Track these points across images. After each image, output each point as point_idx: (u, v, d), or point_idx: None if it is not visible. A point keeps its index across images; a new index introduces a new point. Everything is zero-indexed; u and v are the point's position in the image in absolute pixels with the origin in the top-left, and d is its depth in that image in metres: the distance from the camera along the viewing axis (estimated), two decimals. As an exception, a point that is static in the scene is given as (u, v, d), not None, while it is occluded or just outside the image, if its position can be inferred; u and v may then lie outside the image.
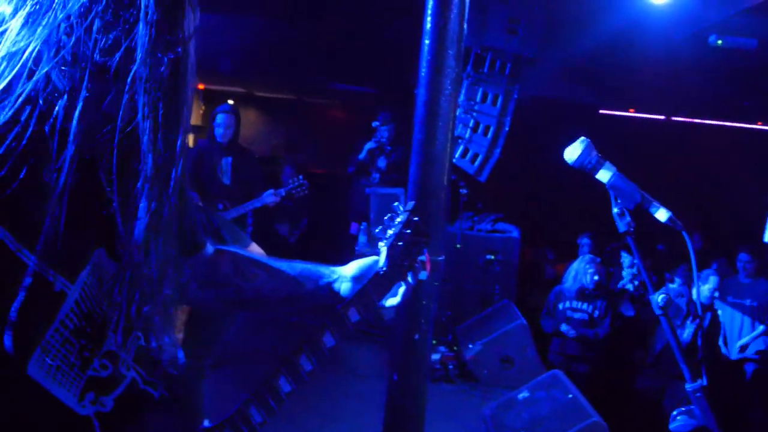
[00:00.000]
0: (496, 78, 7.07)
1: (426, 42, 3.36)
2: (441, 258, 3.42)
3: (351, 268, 1.72)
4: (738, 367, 6.72)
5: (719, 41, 6.71)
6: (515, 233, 7.89)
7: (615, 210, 1.64)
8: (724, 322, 6.74)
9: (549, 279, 8.58)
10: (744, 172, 9.62)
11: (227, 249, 1.67)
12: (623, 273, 7.65)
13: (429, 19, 3.34)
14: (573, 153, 1.68)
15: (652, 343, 6.57)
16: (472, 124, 7.10)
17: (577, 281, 6.65)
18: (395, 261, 1.63)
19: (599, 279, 6.55)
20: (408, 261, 1.66)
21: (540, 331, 6.74)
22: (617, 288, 7.37)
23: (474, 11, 3.36)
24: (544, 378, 5.46)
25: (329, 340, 1.48)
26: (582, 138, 1.68)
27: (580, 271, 6.68)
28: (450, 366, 6.67)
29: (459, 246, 7.45)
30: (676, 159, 10.19)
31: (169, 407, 1.20)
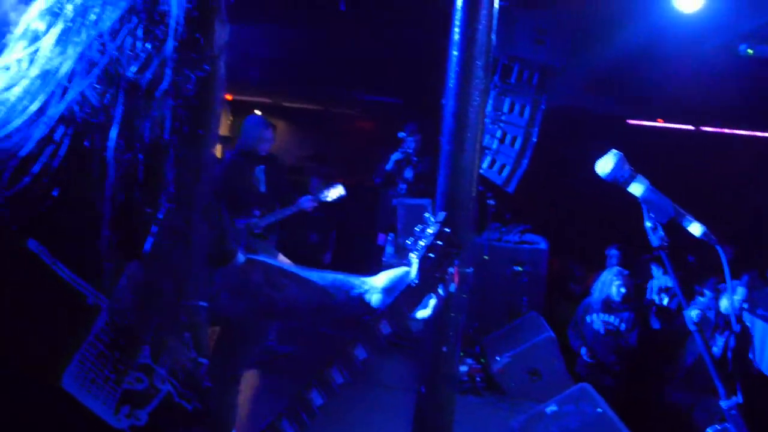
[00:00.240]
0: (523, 88, 7.04)
1: (454, 53, 3.36)
2: (470, 270, 3.41)
3: (381, 279, 1.72)
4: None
5: (750, 50, 6.62)
6: (543, 244, 7.83)
7: (648, 224, 1.62)
8: (755, 335, 6.62)
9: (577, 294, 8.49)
10: (775, 182, 9.48)
11: (258, 259, 1.68)
12: (648, 285, 7.56)
13: (457, 31, 3.33)
14: (605, 166, 1.67)
15: (682, 357, 6.46)
16: (499, 134, 7.07)
17: (603, 293, 6.58)
18: (426, 273, 1.63)
19: (626, 292, 6.48)
20: (439, 273, 1.65)
21: (567, 344, 6.68)
22: (646, 301, 7.28)
23: (502, 22, 3.35)
24: (572, 391, 5.40)
25: (361, 352, 1.48)
26: (614, 151, 1.66)
27: (606, 283, 6.61)
28: (477, 378, 6.62)
29: (486, 257, 7.42)
30: (705, 169, 10.05)
31: (202, 420, 1.20)
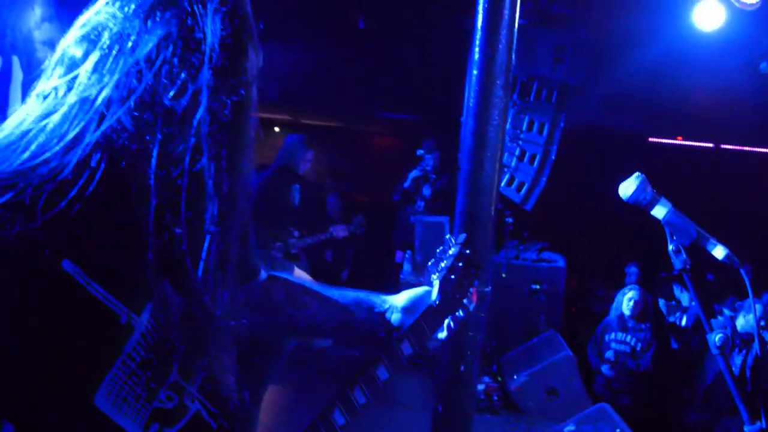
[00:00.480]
0: (542, 106, 7.04)
1: (474, 72, 3.36)
2: (488, 289, 3.40)
3: (401, 298, 1.73)
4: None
5: (770, 69, 6.60)
6: (561, 262, 7.79)
7: (671, 247, 1.61)
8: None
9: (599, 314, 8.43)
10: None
11: (280, 276, 1.70)
12: (667, 304, 7.50)
13: (477, 50, 3.34)
14: (628, 189, 1.67)
15: (702, 377, 6.38)
16: (518, 152, 7.07)
17: (618, 311, 6.55)
18: (447, 294, 1.64)
19: (638, 309, 6.43)
20: (459, 294, 1.67)
21: (585, 362, 6.63)
22: (666, 321, 7.22)
23: (521, 40, 3.36)
24: (590, 411, 5.37)
25: (383, 373, 1.49)
26: (637, 174, 1.67)
27: (620, 301, 6.58)
28: (494, 397, 6.59)
29: (504, 275, 7.40)
30: (724, 187, 9.97)
31: None
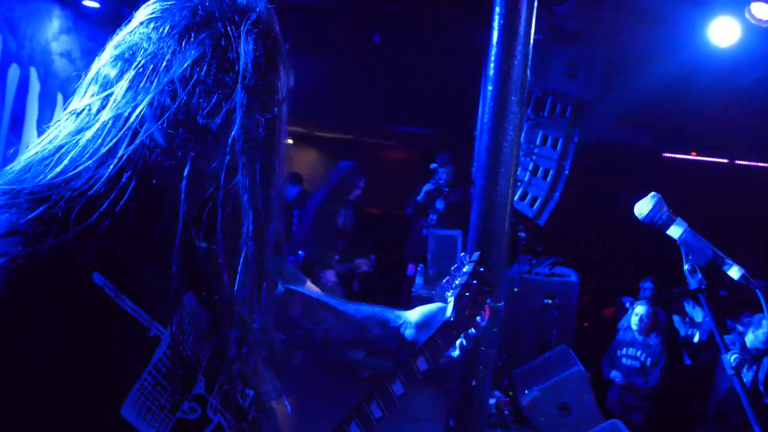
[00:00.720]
0: (556, 121, 7.06)
1: (489, 88, 3.38)
2: (501, 304, 3.40)
3: (415, 314, 1.74)
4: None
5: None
6: (574, 277, 7.75)
7: (686, 267, 1.62)
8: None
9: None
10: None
11: (297, 290, 1.71)
12: (679, 320, 7.45)
13: (492, 66, 3.36)
14: (643, 208, 1.68)
15: (713, 393, 6.32)
16: (531, 167, 7.07)
17: (627, 326, 6.53)
18: (462, 311, 1.66)
19: (646, 323, 6.40)
20: (473, 312, 1.68)
21: (597, 379, 6.61)
22: (680, 337, 7.17)
23: (535, 55, 3.38)
24: (602, 427, 5.34)
25: (399, 388, 1.50)
26: (653, 193, 1.67)
27: (629, 316, 6.56)
28: (506, 411, 6.55)
29: (517, 289, 7.38)
30: (739, 202, 9.92)
31: None
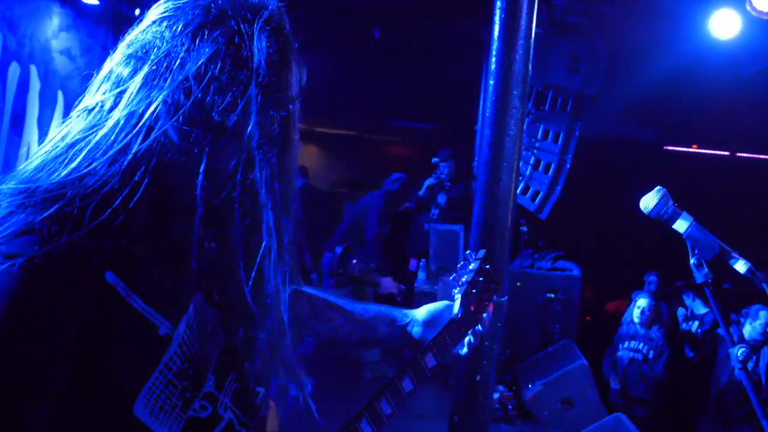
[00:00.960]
0: (557, 115, 7.05)
1: (491, 83, 3.36)
2: (504, 299, 3.41)
3: (422, 312, 1.75)
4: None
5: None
6: (576, 271, 7.75)
7: (692, 261, 1.61)
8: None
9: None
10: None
11: (304, 290, 1.72)
12: (680, 313, 7.46)
13: (494, 60, 3.34)
14: (649, 203, 1.67)
15: (715, 382, 6.32)
16: (532, 161, 7.07)
17: (629, 319, 6.55)
18: (468, 308, 1.66)
19: (647, 315, 6.41)
20: (480, 308, 1.69)
21: (600, 372, 6.62)
22: (681, 330, 7.18)
23: (536, 49, 3.36)
24: (606, 421, 5.33)
25: (408, 384, 1.50)
26: (658, 188, 1.67)
27: (631, 309, 6.57)
28: (509, 406, 6.56)
29: (519, 284, 7.38)
30: (740, 195, 9.92)
31: None
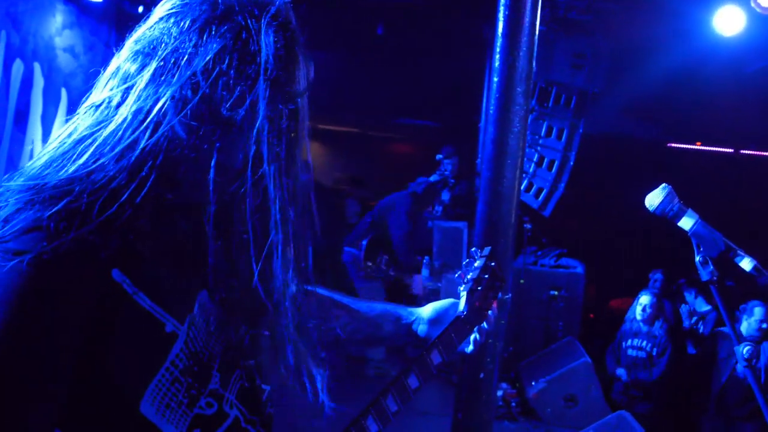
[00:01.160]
0: (561, 112, 7.04)
1: (495, 80, 3.36)
2: (508, 296, 3.40)
3: (427, 310, 1.75)
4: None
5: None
6: (579, 269, 7.73)
7: (698, 258, 1.61)
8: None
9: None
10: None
11: (310, 289, 1.72)
12: (682, 310, 7.45)
13: (498, 57, 3.33)
14: (654, 200, 1.67)
15: (716, 379, 6.29)
16: (536, 158, 7.06)
17: (632, 316, 6.54)
18: (474, 305, 1.66)
19: (649, 313, 6.40)
20: (485, 305, 1.69)
21: (604, 369, 6.61)
22: (684, 327, 7.17)
23: (540, 46, 3.36)
24: (609, 419, 5.32)
25: (414, 381, 1.50)
26: (664, 185, 1.67)
27: (634, 307, 6.56)
28: (512, 403, 6.57)
29: (522, 281, 7.37)
30: (744, 192, 9.90)
31: None
